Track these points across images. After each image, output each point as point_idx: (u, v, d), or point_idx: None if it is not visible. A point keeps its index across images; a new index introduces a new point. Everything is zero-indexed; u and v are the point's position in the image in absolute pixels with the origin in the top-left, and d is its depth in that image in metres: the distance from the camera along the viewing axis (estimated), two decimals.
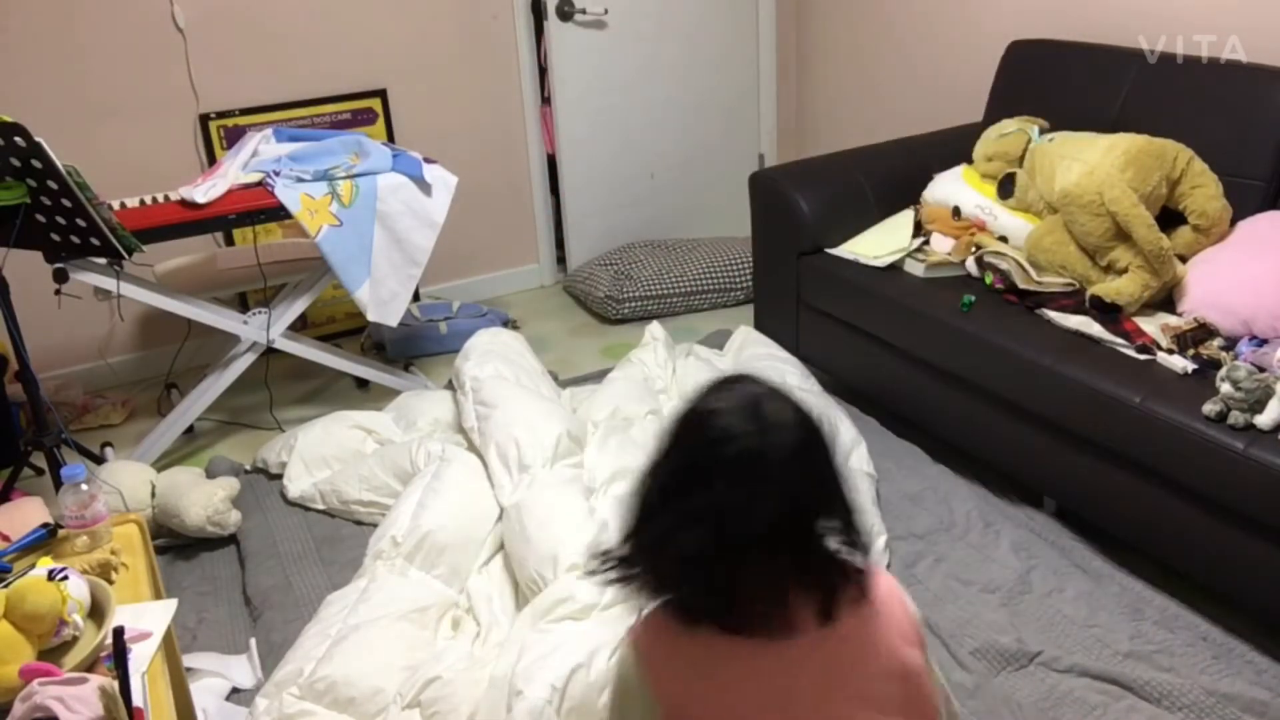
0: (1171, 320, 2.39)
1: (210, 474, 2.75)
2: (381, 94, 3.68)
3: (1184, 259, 2.49)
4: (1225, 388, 2.01)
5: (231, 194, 2.82)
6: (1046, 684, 1.97)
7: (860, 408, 2.98)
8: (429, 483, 2.45)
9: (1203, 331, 2.29)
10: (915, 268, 2.81)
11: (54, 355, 3.44)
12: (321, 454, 2.80)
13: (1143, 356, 2.27)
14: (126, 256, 2.52)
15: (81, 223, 2.42)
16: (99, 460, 2.90)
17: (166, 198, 2.84)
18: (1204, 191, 2.48)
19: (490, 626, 2.13)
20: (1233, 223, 2.49)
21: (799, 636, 1.17)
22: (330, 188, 2.84)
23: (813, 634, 1.17)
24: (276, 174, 2.86)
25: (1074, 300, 2.52)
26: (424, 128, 3.79)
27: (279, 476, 2.81)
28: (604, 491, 2.39)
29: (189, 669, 2.07)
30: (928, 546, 2.38)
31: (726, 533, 1.12)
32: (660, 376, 3.07)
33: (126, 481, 2.57)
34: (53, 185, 2.33)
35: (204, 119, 3.43)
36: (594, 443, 2.58)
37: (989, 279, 2.67)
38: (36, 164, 2.29)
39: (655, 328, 3.27)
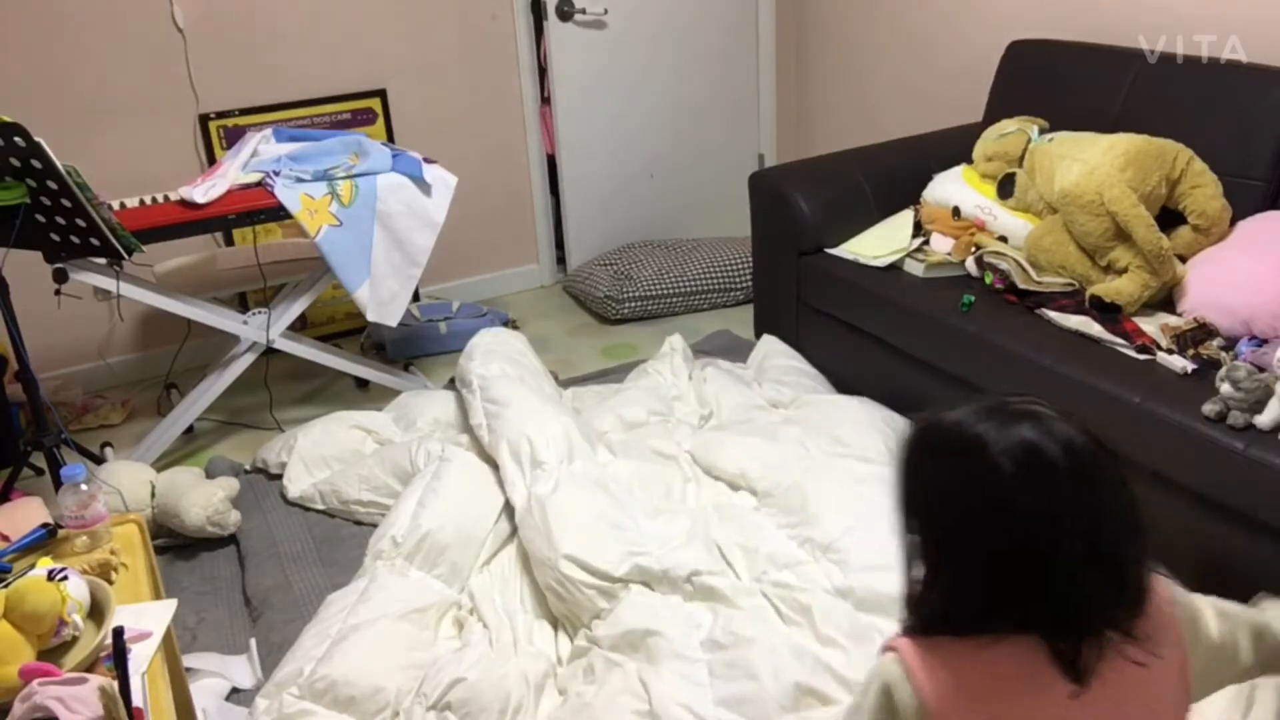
0: (1171, 320, 2.39)
1: (210, 474, 2.76)
2: (381, 94, 3.68)
3: (1184, 259, 2.49)
4: (1225, 388, 2.01)
5: (231, 194, 2.82)
6: None
7: None
8: (429, 483, 2.45)
9: (1202, 331, 2.29)
10: (915, 268, 2.81)
11: (54, 355, 3.44)
12: (321, 454, 2.80)
13: (1143, 356, 2.27)
14: (126, 256, 2.52)
15: (81, 223, 2.42)
16: (99, 460, 2.90)
17: (166, 198, 2.84)
18: (1204, 191, 2.48)
19: (499, 627, 2.13)
20: (1233, 223, 2.49)
21: (1082, 681, 1.11)
22: (330, 188, 2.84)
23: (1092, 682, 1.11)
24: (276, 174, 2.86)
25: (1074, 300, 2.52)
26: (424, 128, 3.79)
27: (279, 476, 2.81)
28: (629, 496, 2.39)
29: (189, 669, 2.07)
30: None
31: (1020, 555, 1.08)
32: (674, 384, 3.06)
33: (126, 481, 2.57)
34: (53, 185, 2.33)
35: (204, 119, 3.43)
36: (609, 449, 2.59)
37: (989, 279, 2.67)
38: (36, 164, 2.29)
39: (675, 339, 3.25)
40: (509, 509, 2.42)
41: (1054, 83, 2.96)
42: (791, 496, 2.32)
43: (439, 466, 2.50)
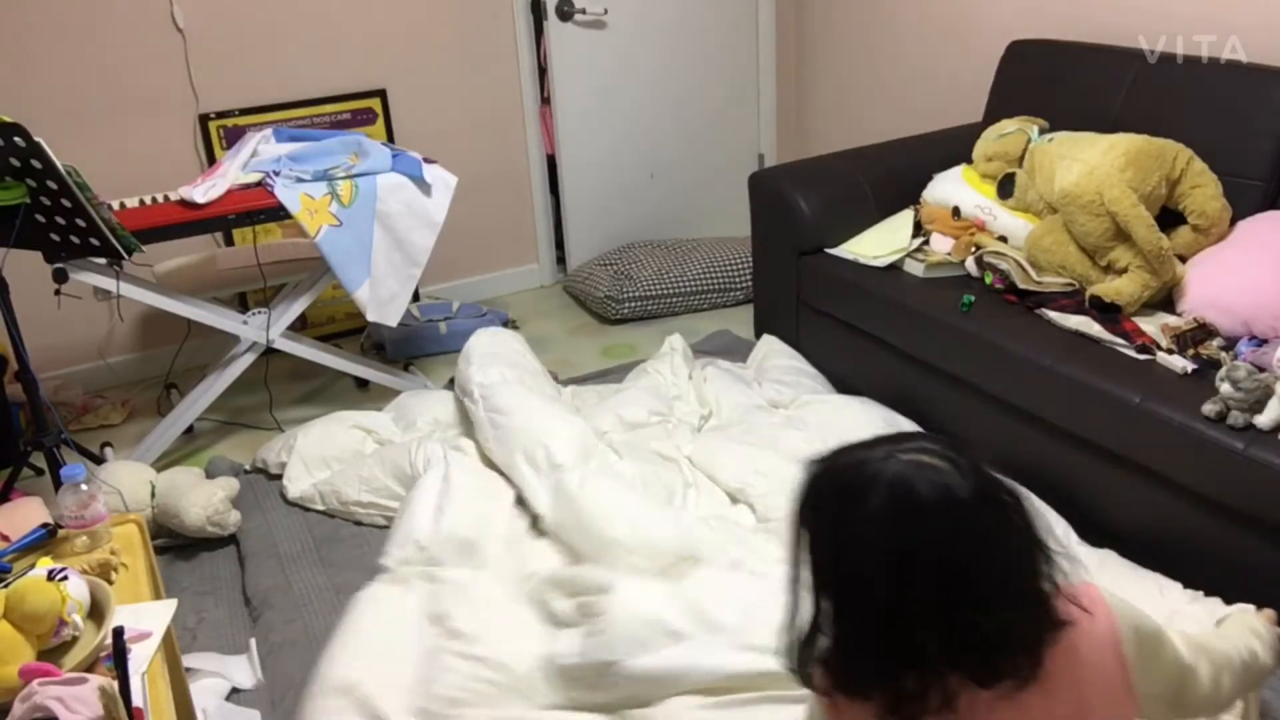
0: (1171, 320, 2.39)
1: (210, 474, 2.75)
2: (381, 94, 3.68)
3: (1184, 259, 2.49)
4: (1225, 388, 2.01)
5: (231, 194, 2.82)
6: None
7: None
8: (441, 487, 2.43)
9: (1202, 331, 2.29)
10: (915, 268, 2.81)
11: (54, 355, 3.44)
12: (321, 454, 2.80)
13: (1143, 356, 2.27)
14: (126, 256, 2.52)
15: (81, 223, 2.42)
16: (99, 460, 2.90)
17: (166, 198, 2.84)
18: (1204, 191, 2.48)
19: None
20: (1233, 223, 2.49)
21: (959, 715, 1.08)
22: (330, 188, 2.84)
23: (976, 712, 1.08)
24: (276, 174, 2.86)
25: (1074, 300, 2.52)
26: (424, 128, 3.79)
27: (279, 477, 2.81)
28: (645, 490, 2.41)
29: (189, 669, 2.07)
30: None
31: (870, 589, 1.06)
32: (674, 384, 3.05)
33: (126, 481, 2.57)
34: (53, 185, 2.33)
35: (204, 119, 3.43)
36: (612, 449, 2.60)
37: (989, 279, 2.67)
38: (36, 164, 2.29)
39: (675, 339, 3.24)
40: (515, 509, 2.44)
41: (1054, 83, 2.96)
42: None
43: (446, 470, 2.49)
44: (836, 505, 1.09)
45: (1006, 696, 1.08)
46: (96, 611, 1.48)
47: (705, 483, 2.56)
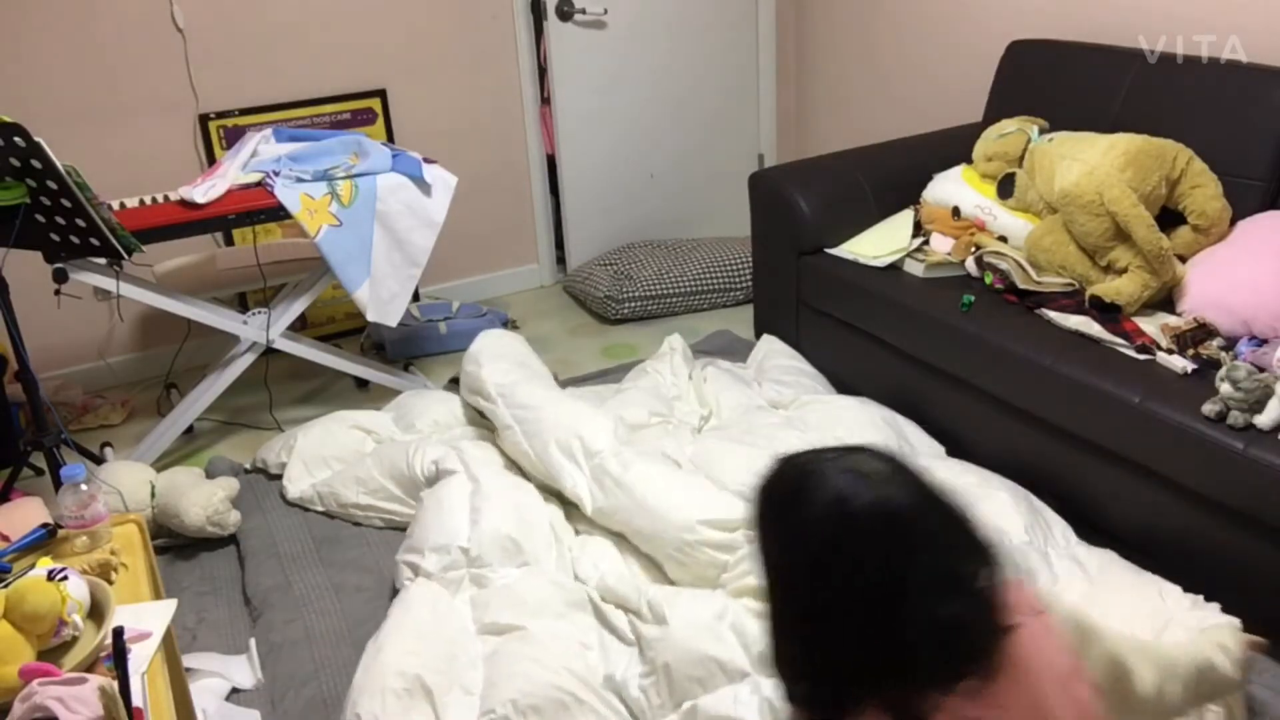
0: (1171, 320, 2.39)
1: (210, 474, 2.75)
2: (381, 94, 3.68)
3: (1184, 259, 2.49)
4: (1225, 388, 2.01)
5: (231, 194, 2.82)
6: None
7: None
8: (472, 488, 2.42)
9: (1202, 331, 2.29)
10: (915, 268, 2.81)
11: (54, 355, 3.44)
12: (321, 455, 2.80)
13: (1142, 356, 2.27)
14: (126, 256, 2.52)
15: (81, 223, 2.42)
16: (99, 460, 2.90)
17: (166, 198, 2.84)
18: (1204, 191, 2.48)
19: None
20: (1233, 223, 2.49)
21: None
22: (330, 188, 2.84)
23: None
24: (276, 174, 2.86)
25: (1074, 300, 2.52)
26: (424, 128, 3.80)
27: (278, 477, 2.81)
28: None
29: (189, 669, 2.07)
30: None
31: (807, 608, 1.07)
32: (674, 384, 3.05)
33: (126, 482, 2.57)
34: (52, 185, 2.33)
35: (204, 119, 3.43)
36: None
37: (989, 279, 2.67)
38: (36, 164, 2.29)
39: (675, 339, 3.24)
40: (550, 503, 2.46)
41: (1054, 83, 2.96)
42: None
43: (472, 472, 2.48)
44: (778, 523, 1.10)
45: (967, 702, 1.08)
46: (96, 611, 1.48)
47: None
